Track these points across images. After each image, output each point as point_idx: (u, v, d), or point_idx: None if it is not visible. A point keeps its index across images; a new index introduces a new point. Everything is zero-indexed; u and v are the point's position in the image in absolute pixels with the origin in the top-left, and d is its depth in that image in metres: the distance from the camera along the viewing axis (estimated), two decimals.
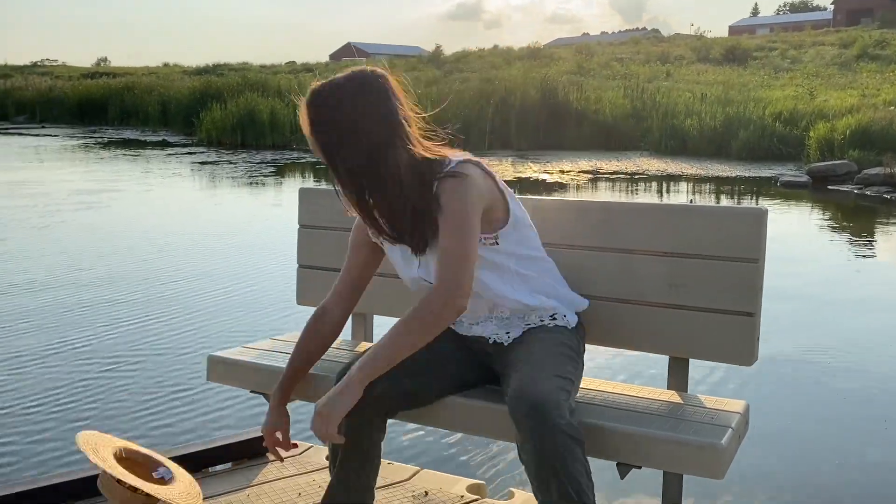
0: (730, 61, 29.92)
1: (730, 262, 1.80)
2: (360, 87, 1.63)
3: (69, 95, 30.26)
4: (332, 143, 1.63)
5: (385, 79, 1.67)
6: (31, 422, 3.23)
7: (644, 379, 3.54)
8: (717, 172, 13.43)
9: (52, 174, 13.09)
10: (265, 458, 2.41)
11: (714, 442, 1.52)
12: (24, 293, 5.29)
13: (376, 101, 1.62)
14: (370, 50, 71.98)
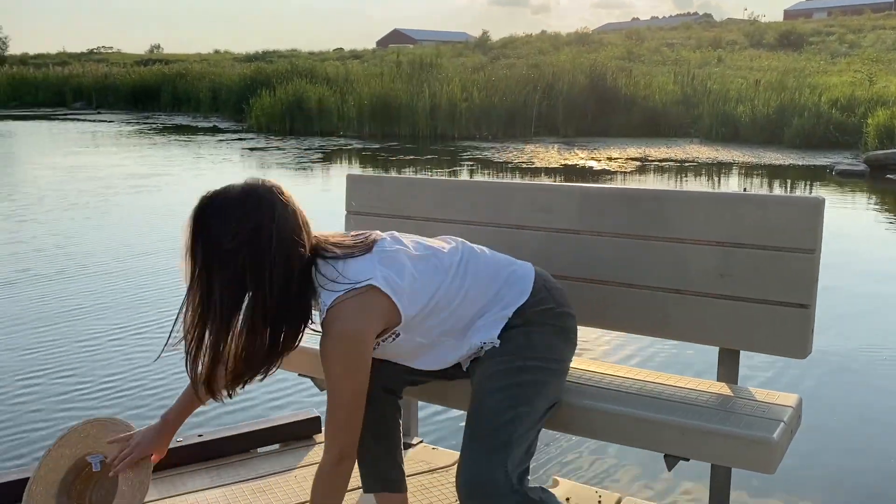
0: (784, 46, 29.13)
1: (785, 252, 1.76)
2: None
3: (124, 82, 30.97)
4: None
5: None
6: (90, 403, 3.34)
7: (693, 371, 3.49)
8: (769, 160, 13.10)
9: (108, 159, 13.44)
10: (312, 439, 2.45)
11: (766, 436, 1.50)
12: (84, 276, 5.45)
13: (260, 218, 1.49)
14: (417, 36, 71.93)
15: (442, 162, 13.29)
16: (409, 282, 1.54)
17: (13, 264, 5.76)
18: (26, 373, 3.64)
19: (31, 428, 3.08)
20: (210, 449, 2.31)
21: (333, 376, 1.49)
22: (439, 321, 1.59)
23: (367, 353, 1.50)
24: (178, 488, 2.13)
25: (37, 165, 12.66)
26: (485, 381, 1.58)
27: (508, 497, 1.44)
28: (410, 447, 2.38)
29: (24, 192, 9.56)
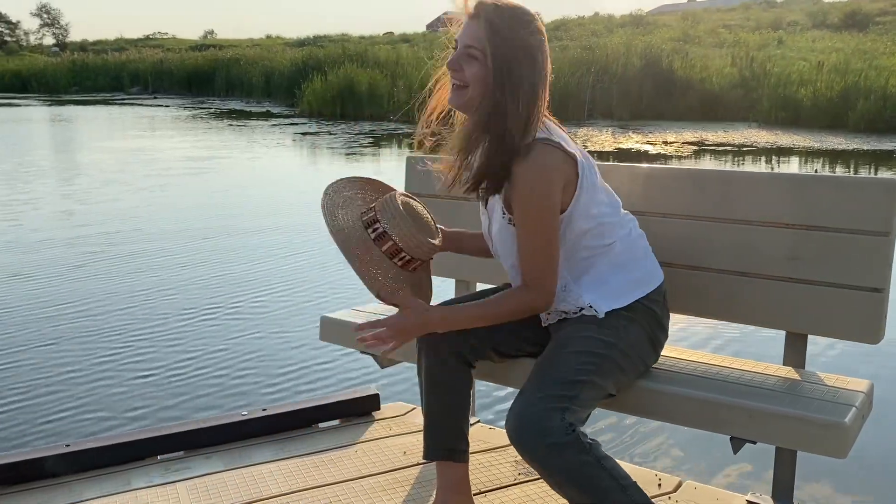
0: (849, 27, 28.11)
1: (858, 235, 1.72)
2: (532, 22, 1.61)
3: (179, 67, 31.62)
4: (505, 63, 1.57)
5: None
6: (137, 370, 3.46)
7: (759, 355, 3.43)
8: (832, 145, 12.71)
9: (165, 142, 13.76)
10: (371, 416, 2.49)
11: (838, 420, 1.47)
12: (143, 256, 5.62)
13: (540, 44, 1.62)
14: None
15: None
16: (591, 183, 1.64)
17: (89, 246, 5.96)
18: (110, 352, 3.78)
19: (108, 404, 3.20)
20: (273, 423, 2.36)
21: (526, 207, 1.57)
22: (581, 247, 1.65)
23: (556, 193, 1.57)
24: (243, 460, 2.19)
25: (99, 149, 13.03)
26: (573, 338, 1.61)
27: (561, 439, 1.44)
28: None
29: (89, 175, 9.86)
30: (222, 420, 2.33)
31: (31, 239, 6.04)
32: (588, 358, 1.57)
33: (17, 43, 74.57)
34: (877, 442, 2.83)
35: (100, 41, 60.44)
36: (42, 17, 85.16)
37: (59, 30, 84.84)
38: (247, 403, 3.07)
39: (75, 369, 3.49)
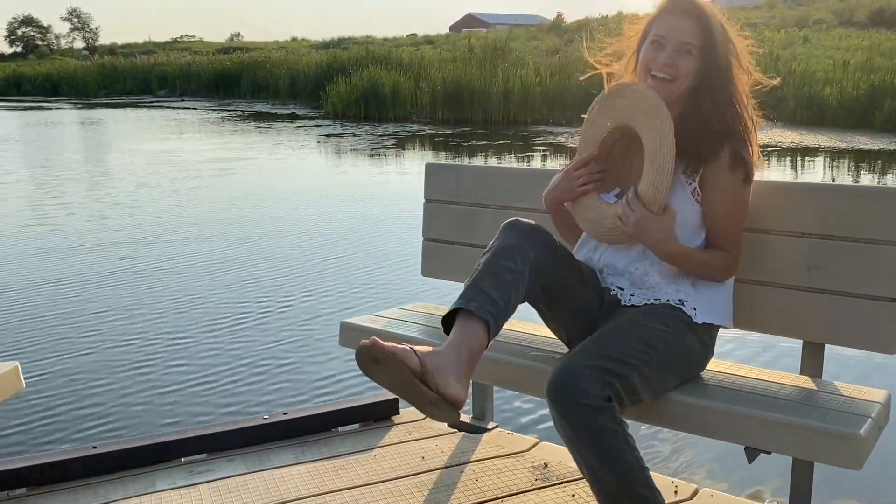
0: (876, 24, 27.67)
1: (876, 244, 1.71)
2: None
3: (206, 70, 31.97)
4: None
5: None
6: (160, 379, 3.52)
7: (775, 364, 3.41)
8: (858, 145, 12.53)
9: (192, 145, 13.94)
10: (391, 420, 2.52)
11: (854, 431, 1.47)
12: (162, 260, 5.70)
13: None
14: (490, 20, 71.50)
15: (515, 147, 13.25)
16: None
17: (122, 250, 6.07)
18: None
19: (136, 406, 3.26)
20: (294, 426, 2.40)
21: (745, 187, 1.75)
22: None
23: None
24: (264, 464, 2.23)
25: (129, 151, 13.23)
26: (639, 325, 1.67)
27: (596, 402, 1.48)
28: (485, 432, 2.42)
29: (120, 178, 10.02)
30: (244, 423, 2.38)
31: (65, 244, 6.16)
32: (646, 348, 1.61)
33: (48, 47, 75.91)
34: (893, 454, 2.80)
35: (128, 44, 61.28)
36: (72, 21, 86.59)
37: (88, 33, 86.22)
38: (267, 406, 3.12)
39: (104, 375, 3.56)
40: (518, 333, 2.13)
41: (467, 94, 18.31)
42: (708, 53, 1.75)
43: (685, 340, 1.70)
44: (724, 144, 1.72)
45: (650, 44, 1.79)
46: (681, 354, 1.69)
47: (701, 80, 1.76)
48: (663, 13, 1.80)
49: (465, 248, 2.41)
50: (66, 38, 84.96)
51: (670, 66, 1.76)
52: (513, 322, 2.25)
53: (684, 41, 1.75)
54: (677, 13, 1.77)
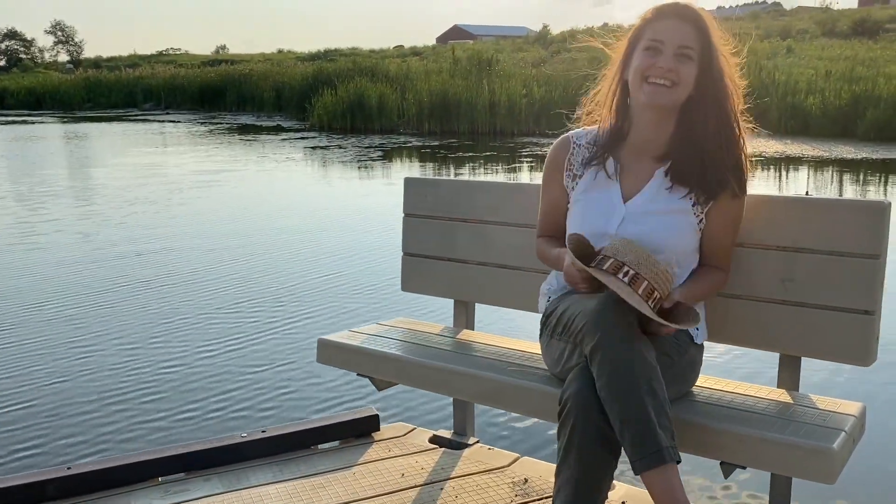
0: (859, 35, 28.03)
1: (848, 257, 1.72)
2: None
3: (191, 83, 31.90)
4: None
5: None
6: (149, 393, 3.48)
7: (753, 377, 3.41)
8: (841, 154, 12.65)
9: (176, 158, 13.88)
10: (371, 437, 2.51)
11: (825, 446, 1.47)
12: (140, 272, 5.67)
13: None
14: (476, 32, 71.82)
15: (501, 158, 13.28)
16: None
17: (106, 270, 6.02)
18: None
19: (111, 428, 3.22)
20: (272, 444, 2.38)
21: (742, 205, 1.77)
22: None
23: None
24: (241, 482, 2.20)
25: (114, 165, 13.15)
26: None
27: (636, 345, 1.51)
28: (466, 447, 2.41)
29: (106, 194, 9.95)
30: (222, 442, 2.35)
31: (52, 261, 6.10)
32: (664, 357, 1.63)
33: (31, 60, 75.54)
34: (874, 466, 2.81)
35: (113, 58, 61.12)
36: (56, 34, 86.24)
37: (73, 47, 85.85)
38: (245, 424, 3.09)
39: (77, 396, 3.52)
40: (495, 348, 2.13)
41: (454, 105, 18.36)
42: (706, 61, 1.67)
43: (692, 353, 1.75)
44: (730, 176, 1.70)
45: (644, 50, 1.69)
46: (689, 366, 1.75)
47: (697, 91, 1.68)
48: (657, 18, 1.70)
49: (445, 262, 2.40)
50: (51, 52, 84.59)
51: (672, 71, 1.66)
52: (491, 336, 2.26)
53: (685, 45, 1.66)
54: (674, 17, 1.67)
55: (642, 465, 1.44)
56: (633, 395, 1.46)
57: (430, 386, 2.04)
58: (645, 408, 1.45)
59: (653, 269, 1.57)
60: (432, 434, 2.49)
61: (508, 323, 3.82)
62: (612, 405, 1.48)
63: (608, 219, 1.74)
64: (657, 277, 1.57)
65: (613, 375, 1.49)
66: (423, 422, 2.96)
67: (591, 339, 1.53)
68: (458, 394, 2.00)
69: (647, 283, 1.56)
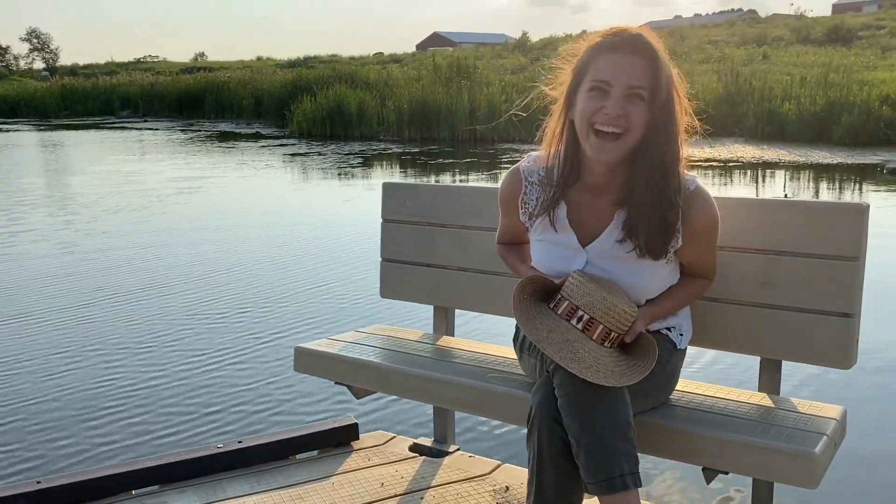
0: (833, 42, 28.41)
1: (827, 260, 1.71)
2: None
3: (169, 90, 31.63)
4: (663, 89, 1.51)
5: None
6: (133, 406, 3.42)
7: (734, 381, 3.42)
8: (817, 159, 12.79)
9: (154, 166, 13.74)
10: (350, 446, 2.47)
11: (807, 450, 1.46)
12: (119, 283, 5.59)
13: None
14: (456, 39, 72.04)
15: (481, 165, 13.28)
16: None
17: (103, 277, 5.92)
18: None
19: (81, 438, 3.16)
20: (249, 455, 2.34)
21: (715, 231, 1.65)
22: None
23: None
24: (217, 494, 2.16)
25: (91, 174, 12.99)
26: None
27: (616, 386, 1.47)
28: (446, 455, 2.38)
29: (83, 203, 9.82)
30: (197, 453, 2.31)
31: (27, 274, 6.00)
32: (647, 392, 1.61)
33: (6, 68, 74.62)
34: (855, 469, 2.81)
35: (90, 65, 60.53)
36: (32, 41, 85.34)
37: (49, 54, 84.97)
38: (222, 435, 3.04)
39: (49, 408, 3.45)
40: (476, 354, 2.10)
41: (434, 112, 18.35)
42: (657, 97, 1.49)
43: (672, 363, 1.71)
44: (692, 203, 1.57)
45: (590, 91, 1.49)
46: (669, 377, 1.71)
47: (649, 132, 1.50)
48: (604, 51, 1.49)
49: (424, 268, 2.38)
50: (26, 59, 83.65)
51: (621, 118, 1.47)
52: (471, 343, 2.23)
53: (634, 85, 1.47)
54: (623, 51, 1.47)
55: (595, 490, 1.44)
56: (591, 417, 1.42)
57: (410, 394, 2.01)
58: (603, 433, 1.41)
59: (609, 310, 1.53)
60: (412, 442, 2.46)
61: (489, 329, 3.80)
62: (570, 426, 1.46)
63: (569, 263, 1.64)
64: (614, 319, 1.53)
65: (571, 397, 1.46)
66: (406, 427, 2.93)
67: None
68: (439, 401, 1.97)
69: (603, 326, 1.52)
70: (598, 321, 1.52)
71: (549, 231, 1.68)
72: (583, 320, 1.52)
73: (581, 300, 1.53)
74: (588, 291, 1.53)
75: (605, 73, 1.47)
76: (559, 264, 1.65)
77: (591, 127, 1.50)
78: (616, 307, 1.53)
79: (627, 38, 1.48)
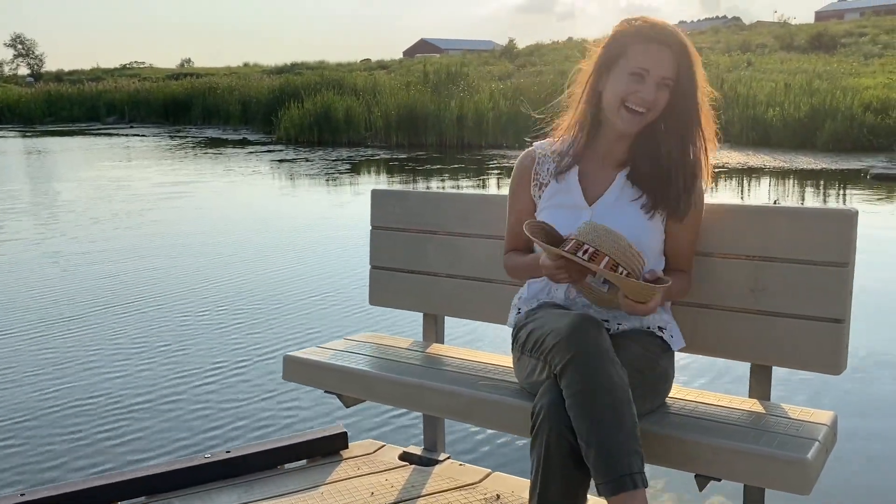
0: (816, 49, 28.68)
1: (817, 266, 1.72)
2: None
3: (155, 96, 31.48)
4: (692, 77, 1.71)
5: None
6: (105, 413, 3.38)
7: (724, 387, 3.42)
8: (802, 165, 12.90)
9: (141, 172, 13.65)
10: (339, 455, 2.45)
11: (800, 457, 1.46)
12: (111, 286, 5.54)
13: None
14: (443, 45, 72.16)
15: (469, 171, 13.29)
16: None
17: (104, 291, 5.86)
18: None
19: (67, 450, 3.12)
20: (237, 465, 2.31)
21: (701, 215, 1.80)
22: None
23: None
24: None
25: (76, 181, 12.89)
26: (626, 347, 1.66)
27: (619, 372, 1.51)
28: (437, 464, 2.37)
29: (70, 211, 9.74)
30: (184, 463, 2.28)
31: (15, 282, 5.93)
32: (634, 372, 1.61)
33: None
34: (845, 474, 2.82)
35: (76, 71, 60.11)
36: (16, 47, 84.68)
37: (34, 60, 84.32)
38: (209, 445, 3.01)
39: (36, 416, 3.41)
40: (465, 362, 2.09)
41: (421, 118, 18.36)
42: (680, 86, 1.69)
43: (663, 366, 1.73)
44: (691, 188, 1.73)
45: (631, 75, 1.68)
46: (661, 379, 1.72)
47: (667, 113, 1.71)
48: (642, 40, 1.67)
49: (413, 275, 2.37)
50: (10, 65, 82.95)
51: (650, 101, 1.69)
52: (460, 350, 2.22)
53: (666, 76, 1.68)
54: (659, 43, 1.66)
55: (606, 490, 1.44)
56: (600, 418, 1.44)
57: (400, 402, 1.99)
58: (611, 431, 1.44)
59: (615, 245, 1.56)
60: (402, 451, 2.44)
61: (478, 336, 3.79)
62: (580, 426, 1.46)
63: (576, 220, 1.73)
64: (620, 253, 1.56)
65: (580, 396, 1.47)
66: (394, 435, 2.91)
67: (561, 358, 1.51)
68: (429, 409, 1.96)
69: (609, 258, 1.54)
70: (602, 252, 1.55)
71: (558, 194, 1.83)
72: (588, 252, 1.55)
73: (586, 237, 1.59)
74: (596, 233, 1.59)
75: (645, 62, 1.67)
76: (566, 224, 1.74)
77: (622, 103, 1.70)
78: (621, 240, 1.58)
79: (665, 32, 1.68)
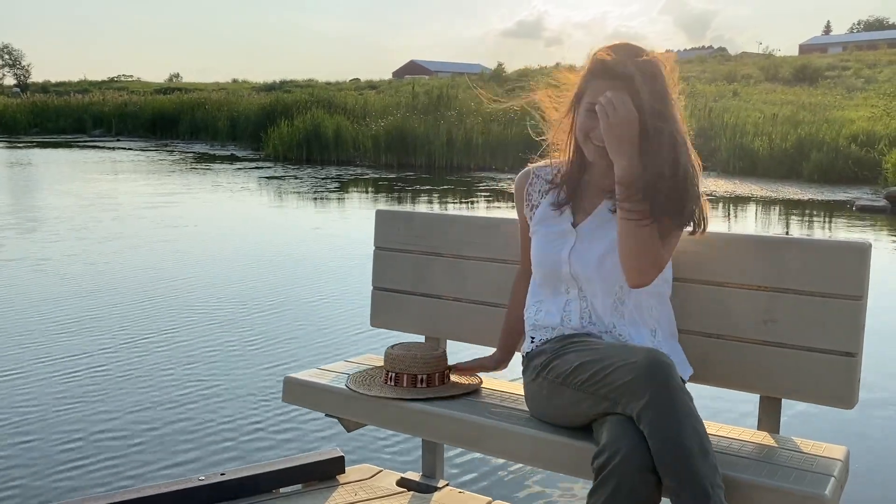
0: (800, 81, 29.13)
1: (830, 298, 1.71)
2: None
3: (143, 110, 31.37)
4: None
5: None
6: (111, 435, 3.31)
7: (733, 419, 3.40)
8: (788, 195, 13.02)
9: (126, 186, 13.55)
10: (336, 479, 2.40)
11: (819, 493, 1.44)
12: (102, 310, 5.45)
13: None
14: (432, 67, 72.61)
15: (458, 192, 13.30)
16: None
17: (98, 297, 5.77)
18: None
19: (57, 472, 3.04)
20: (231, 488, 2.26)
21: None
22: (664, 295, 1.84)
23: None
24: None
25: (61, 193, 12.77)
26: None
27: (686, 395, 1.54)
28: (435, 490, 2.32)
29: (57, 225, 9.63)
30: (177, 485, 2.22)
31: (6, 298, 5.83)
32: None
33: None
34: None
35: (63, 83, 59.86)
36: (3, 57, 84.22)
37: (20, 70, 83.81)
38: (204, 467, 2.95)
39: (35, 437, 3.33)
40: (470, 387, 2.06)
41: (410, 138, 18.40)
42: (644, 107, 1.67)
43: None
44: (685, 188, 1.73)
45: (586, 111, 1.73)
46: None
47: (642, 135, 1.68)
48: (592, 77, 1.73)
49: (417, 297, 2.34)
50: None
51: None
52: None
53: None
54: (605, 79, 1.70)
55: None
56: (690, 455, 1.43)
57: (405, 428, 1.95)
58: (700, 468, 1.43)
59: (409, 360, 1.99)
60: (400, 476, 2.40)
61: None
62: (668, 468, 1.43)
63: (562, 245, 1.82)
64: (413, 365, 1.98)
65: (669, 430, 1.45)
66: (382, 454, 2.85)
67: (640, 398, 1.48)
68: (436, 436, 1.92)
69: (407, 375, 1.98)
70: (402, 373, 1.98)
71: (546, 220, 1.87)
72: (392, 378, 2.00)
73: (389, 365, 2.01)
74: (393, 355, 2.01)
75: (593, 97, 1.72)
76: (553, 249, 1.83)
77: (586, 138, 1.76)
78: (410, 354, 1.99)
79: (608, 66, 1.70)
